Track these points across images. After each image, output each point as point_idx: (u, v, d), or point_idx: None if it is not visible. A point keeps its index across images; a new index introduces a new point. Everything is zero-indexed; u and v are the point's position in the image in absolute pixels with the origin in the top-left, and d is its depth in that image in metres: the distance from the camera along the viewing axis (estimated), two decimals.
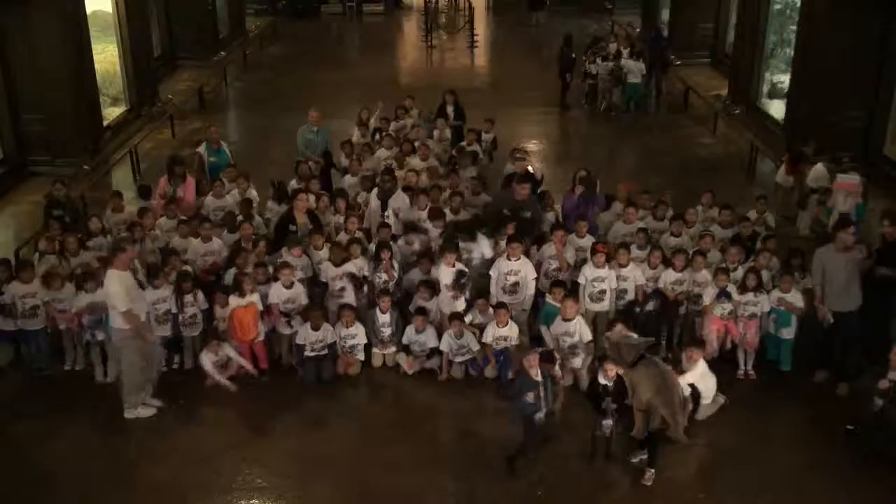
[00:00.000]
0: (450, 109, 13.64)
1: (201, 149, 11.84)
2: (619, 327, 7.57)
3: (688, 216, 9.73)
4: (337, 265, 8.85)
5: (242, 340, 8.42)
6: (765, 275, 8.65)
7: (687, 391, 7.38)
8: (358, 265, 8.94)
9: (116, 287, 7.44)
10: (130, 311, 7.54)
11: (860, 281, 8.08)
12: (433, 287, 8.79)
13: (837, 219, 10.23)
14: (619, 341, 7.00)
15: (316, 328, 8.41)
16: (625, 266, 8.73)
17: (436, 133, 12.83)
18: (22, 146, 14.06)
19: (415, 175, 10.83)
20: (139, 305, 7.79)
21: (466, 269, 8.78)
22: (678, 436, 6.92)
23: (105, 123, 15.74)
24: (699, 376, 7.68)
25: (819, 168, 11.42)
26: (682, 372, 7.59)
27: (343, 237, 9.44)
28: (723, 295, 8.34)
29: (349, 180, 11.26)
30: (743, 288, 8.38)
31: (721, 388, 7.98)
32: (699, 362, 7.69)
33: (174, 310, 8.52)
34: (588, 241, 9.15)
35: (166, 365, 8.73)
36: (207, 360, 8.31)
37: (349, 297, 8.86)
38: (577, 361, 8.22)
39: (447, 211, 9.67)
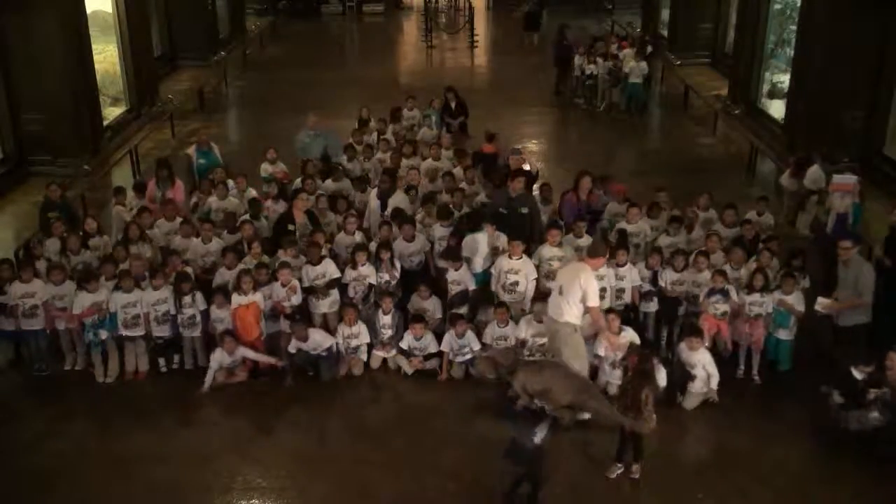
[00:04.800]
0: (452, 105, 13.78)
1: (191, 150, 11.98)
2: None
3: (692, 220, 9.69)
4: (315, 264, 8.81)
5: (245, 340, 8.41)
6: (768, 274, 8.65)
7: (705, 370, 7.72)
8: (365, 272, 8.92)
9: (595, 285, 7.78)
10: (596, 308, 7.82)
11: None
12: (433, 285, 8.77)
13: (833, 228, 10.25)
14: (492, 354, 7.28)
15: (302, 339, 8.37)
16: (622, 266, 8.74)
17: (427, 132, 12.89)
18: (22, 146, 14.05)
19: (416, 173, 10.87)
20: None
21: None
22: (622, 420, 6.92)
23: (105, 123, 15.73)
24: (709, 361, 7.88)
25: (815, 170, 11.40)
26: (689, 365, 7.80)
27: (344, 237, 9.44)
28: (714, 294, 8.32)
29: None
30: (749, 288, 8.37)
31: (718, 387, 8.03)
32: (703, 350, 7.84)
33: (173, 311, 8.52)
34: (586, 241, 9.14)
35: (166, 365, 8.76)
36: (216, 360, 8.28)
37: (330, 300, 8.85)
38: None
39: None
